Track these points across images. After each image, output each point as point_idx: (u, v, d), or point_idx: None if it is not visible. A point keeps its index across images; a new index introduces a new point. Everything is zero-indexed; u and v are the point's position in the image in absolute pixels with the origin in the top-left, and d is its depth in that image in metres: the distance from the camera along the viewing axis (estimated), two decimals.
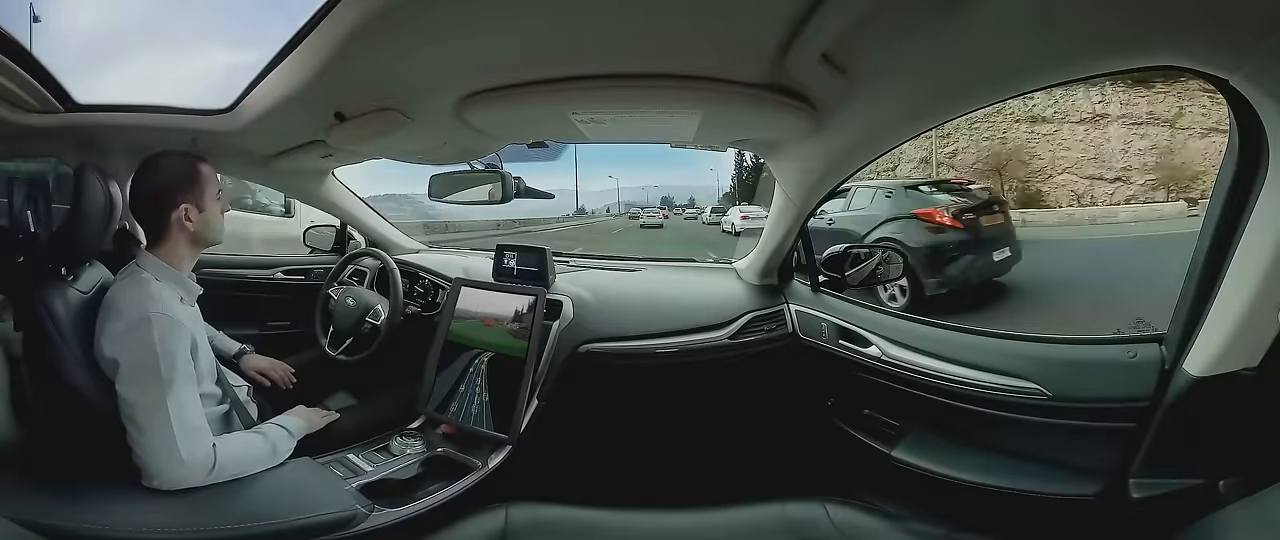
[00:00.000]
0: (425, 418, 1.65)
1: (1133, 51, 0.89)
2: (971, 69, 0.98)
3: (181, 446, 1.10)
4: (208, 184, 1.27)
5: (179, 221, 1.23)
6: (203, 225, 1.26)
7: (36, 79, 1.33)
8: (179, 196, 1.23)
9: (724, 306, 1.85)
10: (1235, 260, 1.02)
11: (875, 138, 1.31)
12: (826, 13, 0.79)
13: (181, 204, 1.23)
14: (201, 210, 1.25)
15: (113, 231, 1.33)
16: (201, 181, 1.26)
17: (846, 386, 1.77)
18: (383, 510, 1.27)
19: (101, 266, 1.34)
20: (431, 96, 1.19)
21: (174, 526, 1.07)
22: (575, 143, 1.58)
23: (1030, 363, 1.36)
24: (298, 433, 1.35)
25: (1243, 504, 0.99)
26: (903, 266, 1.81)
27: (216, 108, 1.46)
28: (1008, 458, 1.41)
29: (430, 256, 2.38)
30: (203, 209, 1.26)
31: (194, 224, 1.24)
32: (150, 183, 1.25)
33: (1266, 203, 0.96)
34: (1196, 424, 1.13)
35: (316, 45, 1.02)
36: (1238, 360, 1.05)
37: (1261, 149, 0.93)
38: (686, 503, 1.31)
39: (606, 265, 2.25)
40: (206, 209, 1.26)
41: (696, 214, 21.61)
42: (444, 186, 1.85)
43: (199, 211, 1.25)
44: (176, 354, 1.14)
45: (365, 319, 1.93)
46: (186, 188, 1.24)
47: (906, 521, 1.28)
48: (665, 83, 1.06)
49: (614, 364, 1.74)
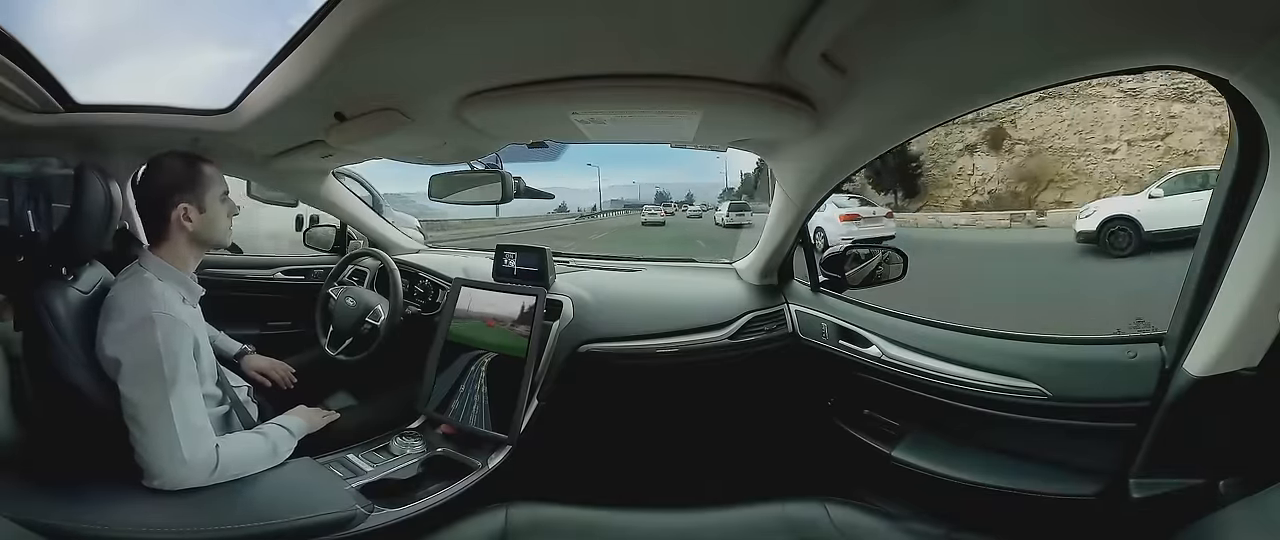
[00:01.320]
0: (425, 418, 1.65)
1: (1133, 52, 0.89)
2: (972, 69, 0.98)
3: (184, 446, 1.10)
4: (210, 185, 1.27)
5: (178, 221, 1.23)
6: (203, 226, 1.26)
7: (36, 79, 1.33)
8: (179, 196, 1.23)
9: (724, 306, 1.85)
10: (1235, 260, 1.02)
11: (875, 138, 1.32)
12: (826, 13, 0.79)
13: (181, 204, 1.23)
14: (202, 211, 1.25)
15: (113, 231, 1.33)
16: (203, 182, 1.26)
17: (846, 386, 1.77)
18: (383, 510, 1.27)
19: (102, 266, 1.34)
20: (431, 96, 1.19)
21: (175, 526, 1.08)
22: (575, 143, 1.58)
23: (1030, 363, 1.36)
24: (298, 433, 1.35)
25: (1243, 504, 0.99)
26: (903, 267, 1.81)
27: (217, 108, 1.46)
28: (1008, 458, 1.41)
29: (430, 256, 2.38)
30: (203, 209, 1.25)
31: (194, 224, 1.24)
32: (152, 182, 1.25)
33: (1266, 203, 0.96)
34: (1196, 424, 1.13)
35: (316, 45, 1.02)
36: (1238, 360, 1.05)
37: (1261, 149, 0.94)
38: (686, 503, 1.31)
39: (606, 265, 2.26)
40: (207, 209, 1.26)
41: (701, 212, 19.38)
42: (444, 186, 1.85)
43: (199, 212, 1.25)
44: (179, 354, 1.14)
45: (365, 319, 1.93)
46: (187, 188, 1.24)
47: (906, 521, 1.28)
48: (665, 83, 1.06)
49: (614, 364, 1.74)
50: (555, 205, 20.02)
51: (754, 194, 15.75)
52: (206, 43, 1.46)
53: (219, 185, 1.29)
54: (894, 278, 1.80)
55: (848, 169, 1.50)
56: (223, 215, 1.30)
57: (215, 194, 1.28)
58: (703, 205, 20.73)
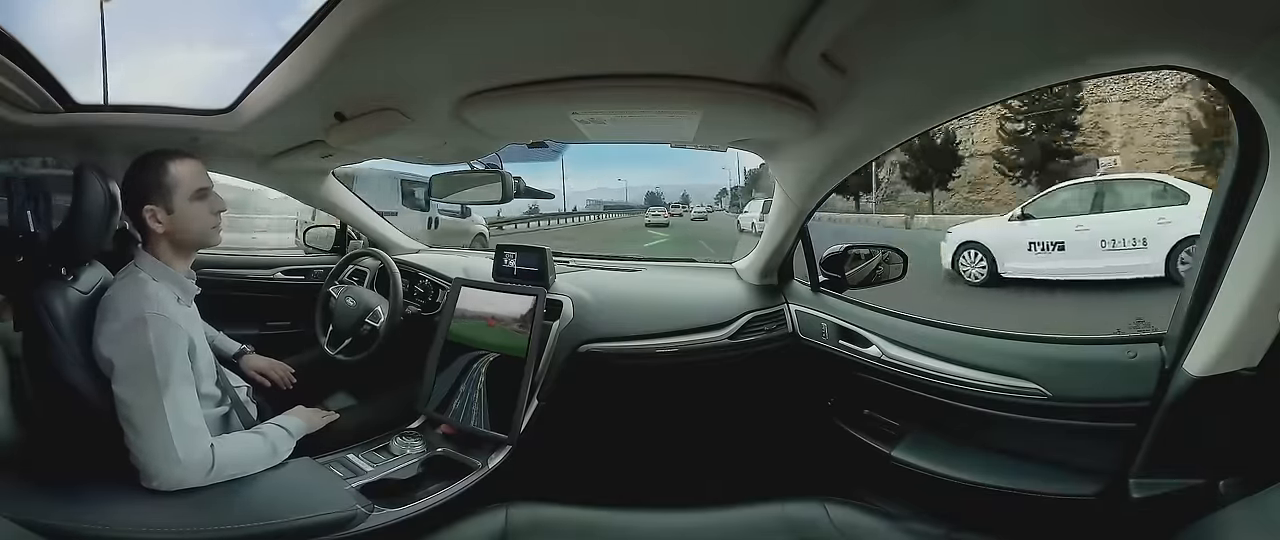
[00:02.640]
0: (425, 418, 1.65)
1: (1133, 52, 0.89)
2: (972, 69, 0.98)
3: (179, 447, 1.09)
4: (177, 184, 1.23)
5: (149, 223, 1.22)
6: (174, 226, 1.23)
7: (36, 79, 1.33)
8: (145, 198, 1.22)
9: (724, 306, 1.85)
10: (1235, 260, 1.02)
11: (875, 138, 1.31)
12: (826, 13, 0.79)
13: (147, 206, 1.21)
14: (170, 211, 1.23)
15: (113, 231, 1.33)
16: (168, 182, 1.22)
17: (846, 386, 1.77)
18: (383, 510, 1.27)
19: (101, 266, 1.34)
20: (431, 96, 1.19)
21: (174, 526, 1.07)
22: (575, 142, 1.58)
23: (1030, 363, 1.36)
24: (297, 433, 1.34)
25: (1243, 504, 0.99)
26: (903, 267, 1.81)
27: (216, 108, 1.46)
28: (1008, 458, 1.41)
29: (430, 256, 2.38)
30: (171, 210, 1.23)
31: (163, 225, 1.22)
32: (125, 185, 1.24)
33: (1266, 203, 0.96)
34: (1196, 424, 1.13)
35: (316, 45, 1.02)
36: (1238, 360, 1.05)
37: (1261, 149, 0.94)
38: (686, 503, 1.31)
39: (606, 265, 2.26)
40: (176, 210, 1.23)
41: (706, 214, 17.83)
42: (444, 186, 1.85)
43: (167, 212, 1.22)
44: (173, 354, 1.13)
45: (365, 319, 1.93)
46: (153, 189, 1.22)
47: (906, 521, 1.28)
48: (665, 83, 1.06)
49: (614, 364, 1.74)
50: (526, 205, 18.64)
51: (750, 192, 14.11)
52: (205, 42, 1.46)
53: (190, 183, 1.25)
54: (894, 278, 1.81)
55: (848, 169, 1.49)
56: (198, 214, 1.26)
57: (184, 193, 1.24)
58: (706, 207, 19.77)
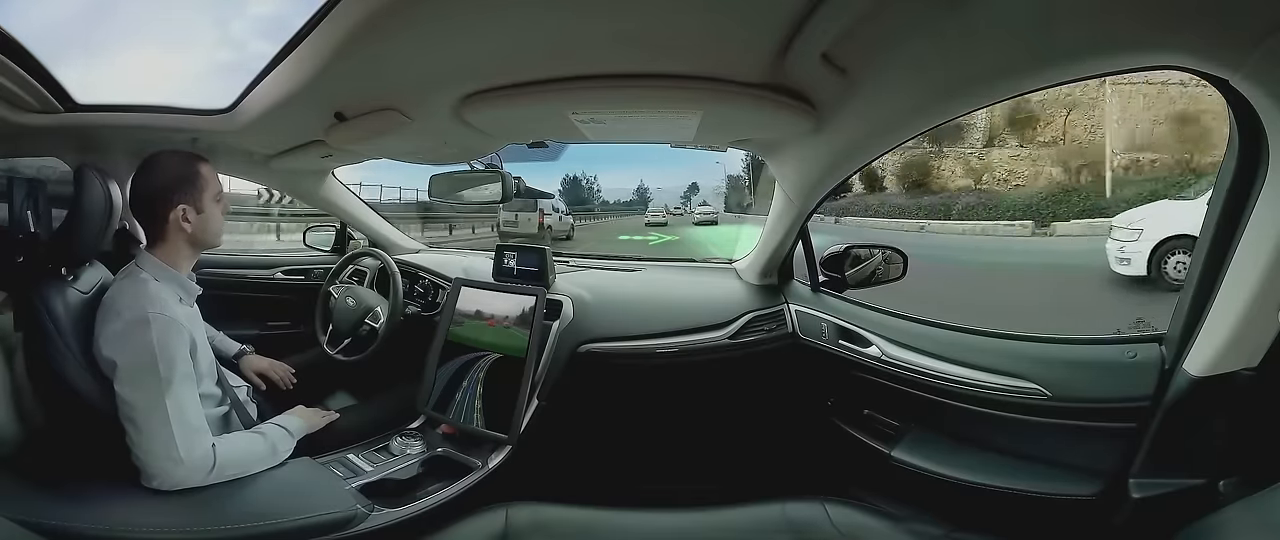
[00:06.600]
0: (425, 418, 1.65)
1: (1133, 51, 0.89)
2: (972, 69, 0.98)
3: (180, 446, 1.09)
4: (207, 185, 1.26)
5: (176, 222, 1.22)
6: (200, 227, 1.25)
7: (36, 79, 1.33)
8: (177, 197, 1.22)
9: (724, 306, 1.85)
10: (1235, 260, 1.02)
11: (875, 138, 1.31)
12: (826, 13, 0.79)
13: (179, 205, 1.22)
14: (200, 212, 1.24)
15: (113, 231, 1.33)
16: (201, 182, 1.25)
17: (846, 386, 1.77)
18: (383, 510, 1.27)
19: (101, 266, 1.34)
20: (431, 96, 1.19)
21: (174, 526, 1.08)
22: (575, 142, 1.58)
23: (1030, 363, 1.36)
24: (297, 433, 1.35)
25: (1243, 504, 0.99)
26: (903, 266, 1.81)
27: (216, 108, 1.45)
28: (1008, 458, 1.41)
29: (430, 256, 2.38)
30: (201, 210, 1.25)
31: (191, 225, 1.23)
32: (149, 182, 1.24)
33: (1266, 203, 0.96)
34: (1196, 424, 1.13)
35: (316, 45, 1.02)
36: (1237, 360, 1.05)
37: (1261, 149, 0.94)
38: (686, 503, 1.31)
39: (606, 265, 2.26)
40: (205, 210, 1.25)
41: (713, 215, 16.36)
42: (444, 186, 1.85)
43: (197, 212, 1.24)
44: (175, 354, 1.14)
45: (365, 319, 1.93)
46: (185, 189, 1.23)
47: (906, 521, 1.29)
48: (665, 83, 1.06)
49: (614, 364, 1.74)
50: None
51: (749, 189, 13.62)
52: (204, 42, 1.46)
53: (215, 185, 1.28)
54: (894, 278, 1.81)
55: (848, 169, 1.50)
56: (218, 215, 1.29)
57: (211, 194, 1.27)
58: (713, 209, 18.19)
